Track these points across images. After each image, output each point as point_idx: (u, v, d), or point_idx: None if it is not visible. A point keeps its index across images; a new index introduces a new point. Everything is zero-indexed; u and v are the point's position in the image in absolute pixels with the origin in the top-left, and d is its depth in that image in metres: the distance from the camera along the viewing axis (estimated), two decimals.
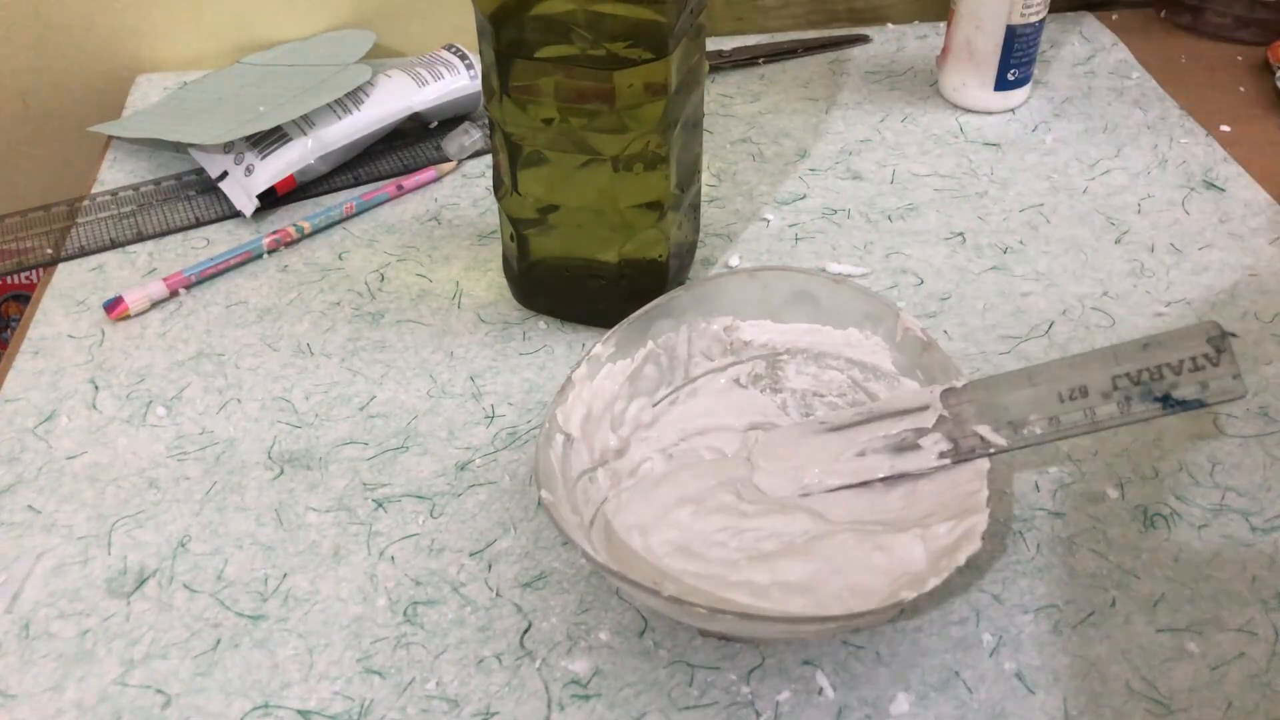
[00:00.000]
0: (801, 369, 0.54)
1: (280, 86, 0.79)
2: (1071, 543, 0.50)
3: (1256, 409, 0.57)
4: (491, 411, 0.58)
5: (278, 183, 0.72)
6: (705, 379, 0.54)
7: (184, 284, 0.66)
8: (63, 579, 0.50)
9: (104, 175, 0.78)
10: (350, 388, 0.59)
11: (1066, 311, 0.63)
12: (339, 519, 0.52)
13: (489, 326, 0.63)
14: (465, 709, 0.44)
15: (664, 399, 0.54)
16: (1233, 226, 0.70)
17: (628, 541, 0.48)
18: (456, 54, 0.80)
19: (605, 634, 0.47)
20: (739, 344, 0.54)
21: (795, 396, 0.54)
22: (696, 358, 0.54)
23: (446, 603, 0.48)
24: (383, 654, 0.46)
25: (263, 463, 0.55)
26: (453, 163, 0.77)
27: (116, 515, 0.53)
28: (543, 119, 0.55)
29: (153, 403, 0.59)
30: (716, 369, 0.55)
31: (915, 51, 0.90)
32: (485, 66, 0.55)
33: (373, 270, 0.68)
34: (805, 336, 0.54)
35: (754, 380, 0.55)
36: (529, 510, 0.52)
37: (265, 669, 0.46)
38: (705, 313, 0.54)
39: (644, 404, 0.53)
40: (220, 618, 0.48)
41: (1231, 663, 0.45)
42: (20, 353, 0.62)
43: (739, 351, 0.55)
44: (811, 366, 0.54)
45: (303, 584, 0.49)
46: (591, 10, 0.51)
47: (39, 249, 0.71)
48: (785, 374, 0.54)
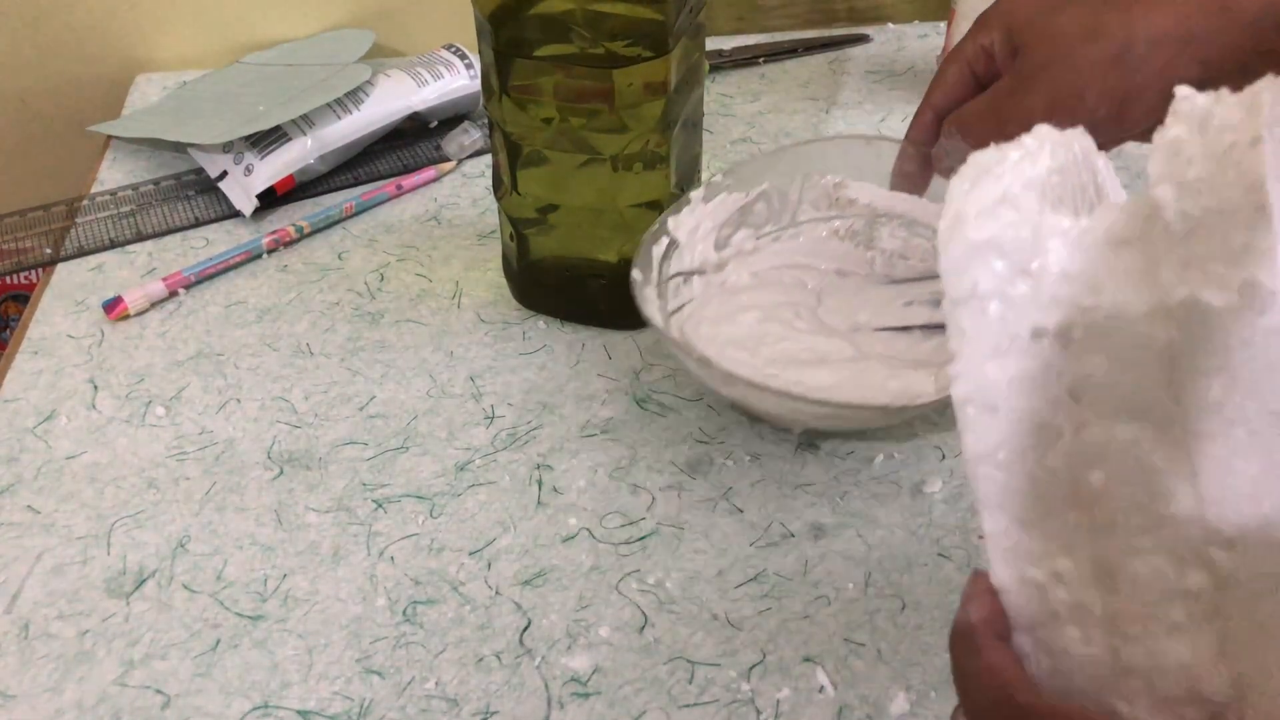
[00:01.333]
0: (895, 232, 0.60)
1: (280, 86, 0.79)
2: None
3: None
4: (491, 412, 0.58)
5: (277, 182, 0.72)
6: (808, 225, 0.61)
7: (183, 284, 0.66)
8: (62, 579, 0.50)
9: (103, 175, 0.78)
10: (350, 388, 0.59)
11: None
12: (339, 519, 0.52)
13: (489, 326, 0.63)
14: (465, 708, 0.44)
15: (768, 235, 0.61)
16: None
17: (696, 329, 0.56)
18: (456, 54, 0.80)
19: (605, 630, 0.47)
20: (845, 201, 0.60)
21: (883, 255, 0.60)
22: (804, 205, 0.60)
23: (446, 602, 0.48)
24: (382, 653, 0.46)
25: (262, 463, 0.55)
26: (452, 162, 0.77)
27: (116, 515, 0.52)
28: (542, 118, 0.54)
29: (152, 403, 0.59)
30: (820, 219, 0.61)
31: (916, 51, 0.90)
32: (485, 66, 0.55)
33: (372, 270, 0.68)
34: (904, 204, 0.59)
35: (850, 235, 0.61)
36: (528, 509, 0.52)
37: (265, 669, 0.46)
38: (819, 168, 0.60)
39: (749, 234, 0.60)
40: (220, 618, 0.48)
41: None
42: (19, 353, 0.62)
43: (843, 208, 0.60)
44: (903, 232, 0.60)
45: (302, 584, 0.49)
46: (591, 9, 0.51)
47: (38, 249, 0.71)
48: (879, 234, 0.60)
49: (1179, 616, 0.28)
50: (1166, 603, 0.28)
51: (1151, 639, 0.28)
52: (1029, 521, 0.29)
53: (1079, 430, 0.29)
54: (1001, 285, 0.29)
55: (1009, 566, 0.30)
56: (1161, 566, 0.28)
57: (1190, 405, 0.27)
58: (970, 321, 0.29)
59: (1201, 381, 0.27)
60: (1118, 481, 0.28)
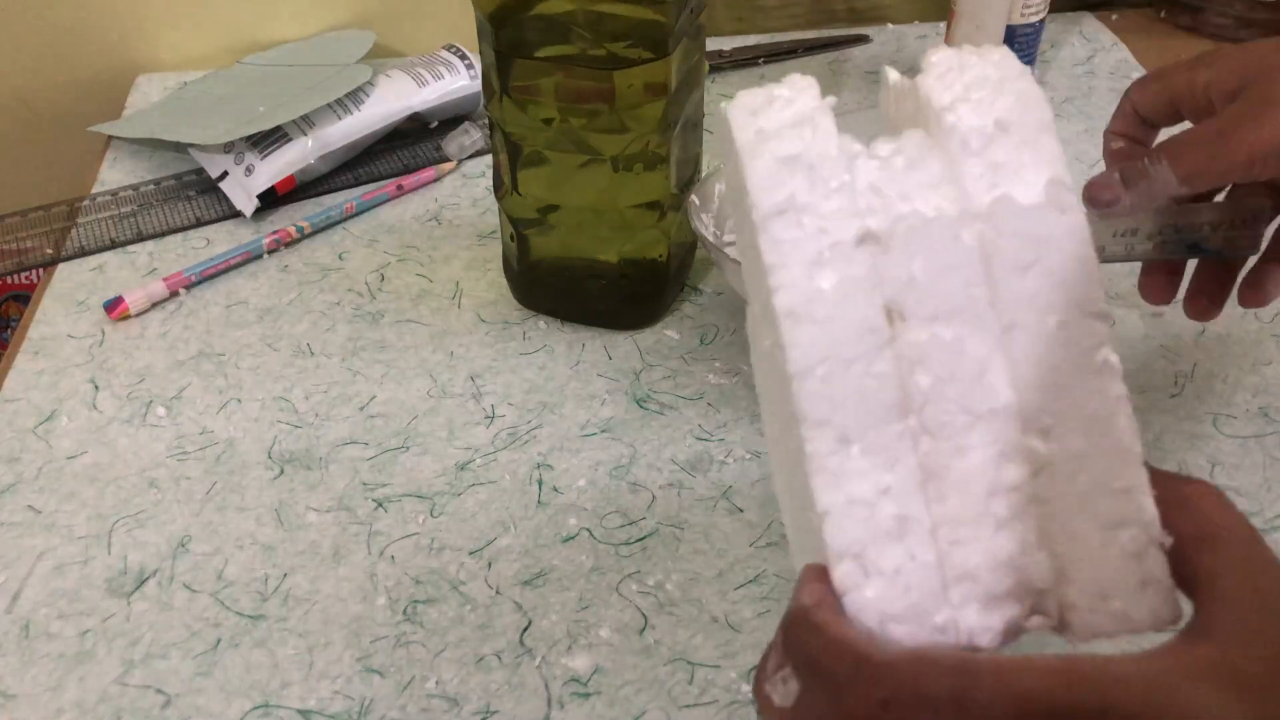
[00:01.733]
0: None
1: (280, 86, 0.79)
2: None
3: (1256, 409, 0.57)
4: (491, 411, 0.58)
5: (278, 182, 0.72)
6: None
7: (184, 284, 0.66)
8: (63, 579, 0.50)
9: (104, 175, 0.78)
10: (350, 388, 0.59)
11: None
12: (339, 519, 0.52)
13: (489, 326, 0.63)
14: (465, 707, 0.44)
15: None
16: None
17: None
18: (456, 54, 0.80)
19: (605, 631, 0.47)
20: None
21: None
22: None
23: (446, 601, 0.48)
24: (382, 653, 0.46)
25: (263, 463, 0.55)
26: (453, 163, 0.77)
27: (116, 515, 0.53)
28: (543, 119, 0.55)
29: (153, 403, 0.59)
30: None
31: (915, 51, 0.90)
32: (485, 66, 0.55)
33: (373, 270, 0.68)
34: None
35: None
36: (529, 509, 0.52)
37: (265, 669, 0.46)
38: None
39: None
40: (220, 617, 0.48)
41: None
42: (20, 353, 0.62)
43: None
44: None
45: (303, 584, 0.49)
46: (591, 10, 0.51)
47: (39, 249, 0.71)
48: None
49: (1002, 511, 0.29)
50: (990, 499, 0.29)
51: (978, 540, 0.29)
52: (854, 436, 0.29)
53: (903, 333, 0.29)
54: (815, 198, 0.29)
55: (835, 489, 0.29)
56: (984, 463, 0.29)
57: (1006, 300, 0.29)
58: (788, 232, 0.29)
59: (1015, 276, 0.29)
60: (943, 381, 0.29)
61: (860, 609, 0.29)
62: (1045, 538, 0.29)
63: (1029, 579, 0.29)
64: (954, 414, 0.29)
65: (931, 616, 0.29)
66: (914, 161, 0.31)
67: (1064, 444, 0.29)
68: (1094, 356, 0.30)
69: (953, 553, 0.29)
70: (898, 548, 0.29)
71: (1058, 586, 0.29)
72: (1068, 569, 0.29)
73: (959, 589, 0.29)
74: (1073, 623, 0.29)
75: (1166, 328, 0.62)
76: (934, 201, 0.30)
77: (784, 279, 0.29)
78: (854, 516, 0.29)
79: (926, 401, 0.29)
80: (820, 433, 0.29)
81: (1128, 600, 0.29)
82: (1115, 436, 0.29)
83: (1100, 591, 0.29)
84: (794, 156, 0.30)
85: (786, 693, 0.29)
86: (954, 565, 0.29)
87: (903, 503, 0.29)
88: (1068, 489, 0.29)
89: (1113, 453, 0.29)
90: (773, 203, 0.29)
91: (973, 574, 0.29)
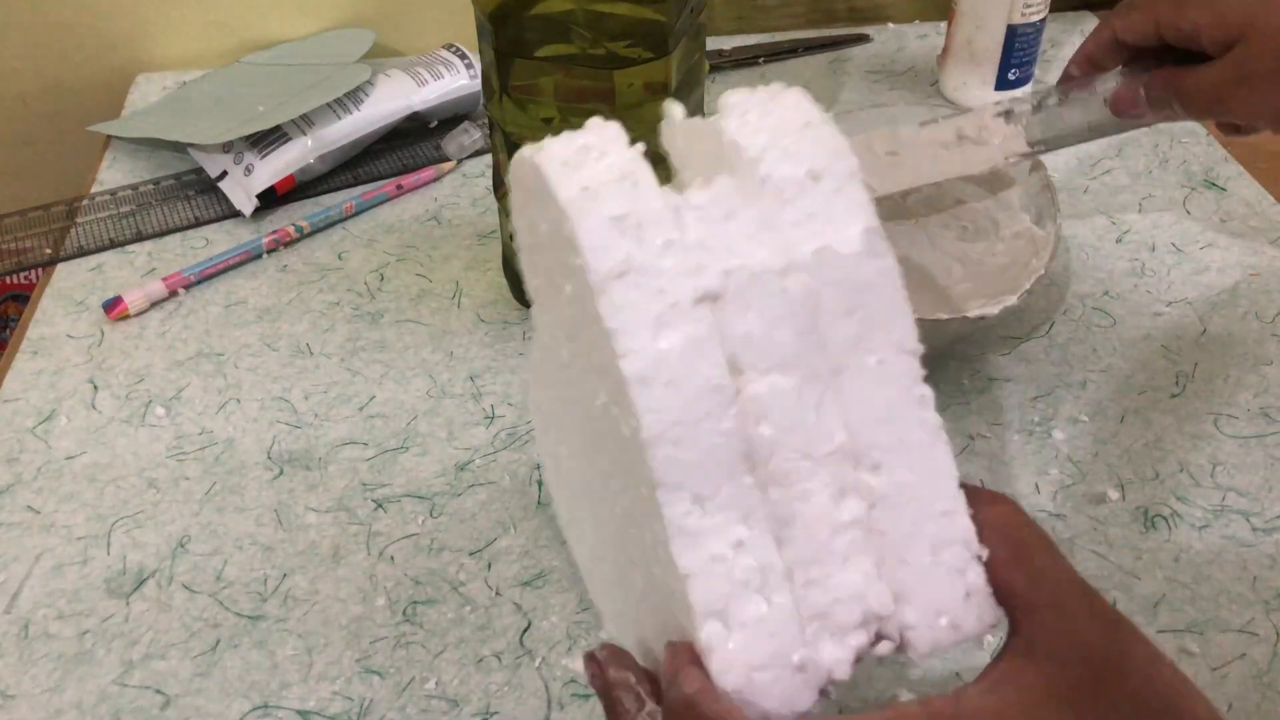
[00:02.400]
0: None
1: (280, 86, 0.79)
2: (1072, 544, 0.50)
3: (1257, 409, 0.57)
4: (491, 412, 0.58)
5: (277, 182, 0.72)
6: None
7: (183, 284, 0.66)
8: (62, 579, 0.50)
9: (103, 175, 0.77)
10: (350, 388, 0.59)
11: (1067, 311, 0.63)
12: (338, 519, 0.52)
13: (489, 326, 0.63)
14: (465, 708, 0.44)
15: None
16: (1233, 226, 0.69)
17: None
18: (456, 53, 0.80)
19: (605, 633, 0.47)
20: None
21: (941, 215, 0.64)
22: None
23: (446, 602, 0.48)
24: (382, 654, 0.46)
25: (262, 463, 0.55)
26: (452, 162, 0.77)
27: (116, 515, 0.52)
28: (542, 118, 0.54)
29: (152, 403, 0.58)
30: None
31: (916, 51, 0.90)
32: (485, 66, 0.55)
33: (372, 270, 0.68)
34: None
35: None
36: (529, 510, 0.52)
37: (264, 669, 0.46)
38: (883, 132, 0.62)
39: None
40: (219, 618, 0.48)
41: (1232, 663, 0.45)
42: (19, 353, 0.62)
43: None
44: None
45: (302, 584, 0.49)
46: (592, 9, 0.51)
47: (38, 249, 0.71)
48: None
49: (844, 547, 0.31)
50: (833, 537, 0.31)
51: (827, 577, 0.31)
52: (707, 495, 0.30)
53: (744, 387, 0.30)
54: (650, 258, 0.29)
55: (694, 549, 0.29)
56: (825, 504, 0.31)
57: (832, 345, 0.31)
58: (628, 295, 0.29)
59: (840, 322, 0.31)
60: (784, 430, 0.30)
61: (727, 664, 0.29)
62: (883, 566, 0.31)
63: (872, 608, 0.31)
64: (796, 460, 0.30)
65: (790, 657, 0.30)
66: (729, 212, 0.31)
67: (893, 476, 0.31)
68: (912, 390, 0.31)
69: (807, 594, 0.30)
70: (757, 598, 0.30)
71: (897, 610, 0.31)
72: (904, 592, 0.31)
73: (812, 627, 0.30)
74: (913, 641, 0.31)
75: (1167, 327, 0.62)
76: (759, 255, 0.30)
77: (629, 344, 0.29)
78: (714, 574, 0.30)
79: (772, 453, 0.30)
80: (675, 496, 0.29)
81: (956, 613, 0.31)
82: (935, 463, 0.31)
83: (933, 609, 0.31)
84: (623, 215, 0.30)
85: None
86: (808, 605, 0.30)
87: (758, 553, 0.30)
88: (899, 517, 0.31)
89: (933, 478, 0.31)
90: (610, 265, 0.29)
91: (824, 611, 0.30)
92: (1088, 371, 0.59)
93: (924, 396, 0.31)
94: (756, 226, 0.31)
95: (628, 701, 0.31)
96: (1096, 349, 0.60)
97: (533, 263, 0.36)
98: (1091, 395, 0.58)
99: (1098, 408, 0.57)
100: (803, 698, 0.30)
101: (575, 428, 0.37)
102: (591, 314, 0.30)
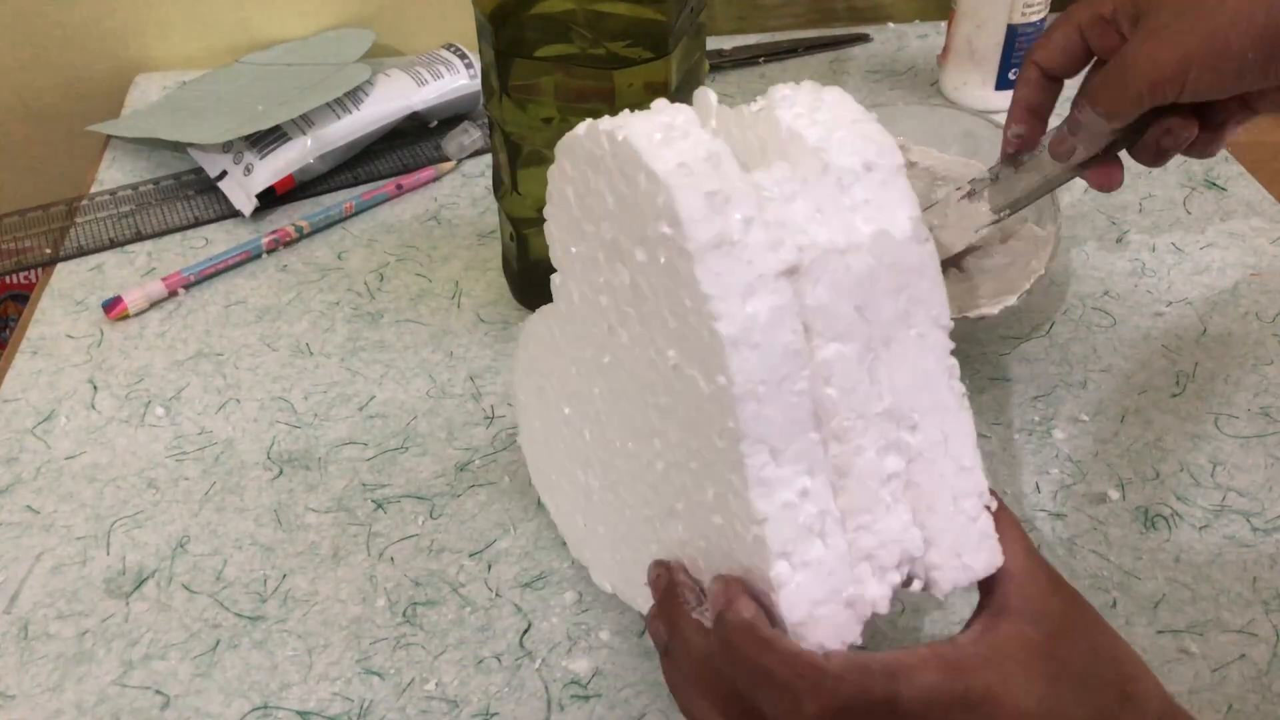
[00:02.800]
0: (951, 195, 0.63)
1: (280, 86, 0.79)
2: (1072, 544, 0.50)
3: (1258, 409, 0.57)
4: (491, 412, 0.57)
5: (277, 182, 0.72)
6: None
7: (183, 284, 0.66)
8: (62, 579, 0.50)
9: (103, 175, 0.77)
10: (350, 388, 0.59)
11: (1067, 311, 0.63)
12: (338, 519, 0.52)
13: (489, 326, 0.63)
14: (465, 709, 0.44)
15: None
16: (1233, 226, 0.69)
17: None
18: (456, 53, 0.80)
19: (605, 634, 0.47)
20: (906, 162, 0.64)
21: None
22: None
23: (446, 603, 0.48)
24: (382, 654, 0.46)
25: (262, 463, 0.55)
26: (452, 162, 0.77)
27: (115, 515, 0.52)
28: (542, 118, 0.54)
29: (151, 403, 0.58)
30: None
31: (916, 50, 0.90)
32: (485, 66, 0.55)
33: (372, 270, 0.68)
34: (961, 168, 0.62)
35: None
36: (529, 510, 0.52)
37: (264, 670, 0.46)
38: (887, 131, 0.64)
39: None
40: (219, 618, 0.48)
41: (1232, 664, 0.45)
42: (19, 353, 0.62)
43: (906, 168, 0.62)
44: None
45: (302, 584, 0.49)
46: (592, 9, 0.51)
47: (38, 248, 0.71)
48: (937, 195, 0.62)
49: (888, 497, 0.35)
50: (880, 488, 0.35)
51: (873, 523, 0.35)
52: (781, 449, 0.33)
53: (815, 353, 0.33)
54: (741, 231, 0.32)
55: (768, 498, 0.33)
56: (874, 459, 0.35)
57: (882, 319, 0.34)
58: (723, 264, 0.32)
59: (890, 298, 0.34)
60: (844, 392, 0.34)
61: (793, 600, 0.33)
62: (916, 514, 0.36)
63: (908, 550, 0.35)
64: (853, 420, 0.34)
65: (842, 594, 0.34)
66: (792, 194, 0.34)
67: (928, 435, 0.35)
68: (945, 361, 0.36)
69: (857, 538, 0.35)
70: (818, 541, 0.34)
71: (925, 553, 0.35)
72: (931, 537, 0.36)
73: (861, 568, 0.35)
74: (938, 580, 0.36)
75: (1167, 327, 0.62)
76: (824, 234, 0.34)
77: (723, 308, 0.32)
78: (785, 519, 0.33)
79: (835, 412, 0.34)
80: (756, 449, 0.33)
81: (971, 555, 0.36)
82: (960, 425, 0.36)
83: (954, 552, 0.35)
84: (715, 191, 0.32)
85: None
86: (858, 548, 0.35)
87: (820, 501, 0.34)
88: (931, 471, 0.35)
89: (958, 438, 0.36)
90: (709, 236, 0.32)
91: (870, 553, 0.35)
92: (1088, 371, 0.59)
93: (953, 367, 0.36)
94: (815, 208, 0.34)
95: (689, 596, 0.36)
96: (1097, 349, 0.60)
97: (574, 231, 0.39)
98: (1092, 395, 0.58)
99: (1098, 407, 0.57)
100: (851, 630, 0.34)
101: (595, 389, 0.40)
102: (679, 280, 0.33)
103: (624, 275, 0.36)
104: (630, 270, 0.35)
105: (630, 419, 0.39)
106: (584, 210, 0.38)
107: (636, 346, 0.36)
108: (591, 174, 0.36)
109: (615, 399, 0.39)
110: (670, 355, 0.34)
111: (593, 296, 0.39)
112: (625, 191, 0.35)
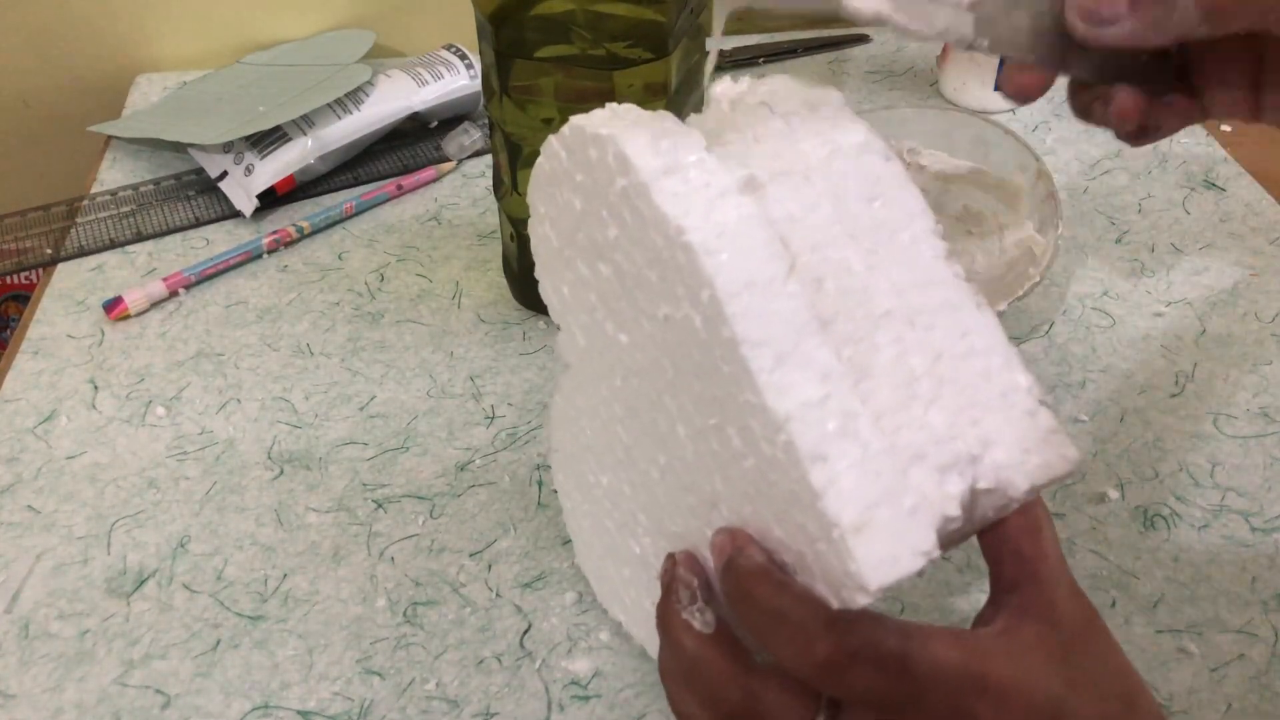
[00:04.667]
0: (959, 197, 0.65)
1: (280, 86, 0.79)
2: (1071, 544, 0.50)
3: (1257, 409, 0.57)
4: (491, 412, 0.58)
5: (277, 182, 0.72)
6: None
7: (183, 284, 0.66)
8: (62, 579, 0.50)
9: (103, 175, 0.77)
10: (350, 388, 0.59)
11: (1067, 311, 0.63)
12: (339, 519, 0.52)
13: (489, 326, 0.63)
14: (465, 709, 0.44)
15: None
16: (1233, 226, 0.70)
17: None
18: (456, 54, 0.80)
19: (605, 634, 0.47)
20: (916, 166, 0.64)
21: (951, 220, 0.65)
22: None
23: (446, 603, 0.48)
24: (382, 654, 0.46)
25: (262, 463, 0.55)
26: (452, 162, 0.77)
27: (116, 515, 0.52)
28: (543, 119, 0.54)
29: (152, 403, 0.59)
30: None
31: (915, 51, 0.90)
32: (485, 66, 0.55)
33: (372, 270, 0.68)
34: (971, 170, 0.64)
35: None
36: (529, 510, 0.52)
37: (265, 669, 0.46)
38: (895, 134, 0.65)
39: None
40: (220, 618, 0.48)
41: (1231, 664, 0.45)
42: (20, 353, 0.62)
43: (915, 173, 0.63)
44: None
45: (302, 584, 0.49)
46: (591, 10, 0.51)
47: (38, 249, 0.71)
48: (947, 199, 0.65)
49: (924, 392, 0.32)
50: (911, 384, 0.32)
51: (914, 420, 0.32)
52: (787, 351, 0.31)
53: (796, 261, 0.32)
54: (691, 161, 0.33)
55: (784, 396, 0.31)
56: (895, 357, 0.33)
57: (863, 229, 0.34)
58: (679, 186, 0.32)
59: (864, 207, 0.34)
60: (842, 293, 0.33)
61: (842, 504, 0.30)
62: (962, 412, 0.33)
63: (964, 449, 0.32)
64: (859, 320, 0.32)
65: (901, 501, 0.30)
66: (751, 144, 0.35)
67: (948, 333, 0.33)
68: (945, 261, 0.34)
69: (899, 438, 0.32)
70: (853, 443, 0.31)
71: (987, 453, 0.32)
72: (987, 436, 0.32)
73: (914, 470, 0.31)
74: (1012, 480, 0.32)
75: (1167, 327, 0.62)
76: (779, 165, 0.34)
77: (689, 222, 0.31)
78: (809, 419, 0.30)
79: (837, 312, 0.32)
80: (760, 351, 0.31)
81: (1042, 452, 0.33)
82: (984, 321, 0.34)
83: (1020, 448, 0.32)
84: (661, 131, 0.33)
85: (706, 622, 0.34)
86: (903, 449, 0.31)
87: (844, 402, 0.31)
88: (964, 368, 0.33)
89: (985, 332, 0.34)
90: (659, 164, 0.32)
91: (921, 452, 0.31)
92: (1087, 371, 0.59)
93: (959, 272, 0.34)
94: (773, 151, 0.34)
95: (682, 595, 0.35)
96: (1096, 349, 0.60)
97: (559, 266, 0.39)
98: (1091, 395, 0.58)
99: (1098, 408, 0.57)
100: (925, 537, 0.30)
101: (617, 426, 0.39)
102: (646, 222, 0.32)
103: (605, 268, 0.36)
104: (609, 257, 0.35)
105: (653, 427, 0.37)
106: (560, 233, 0.38)
107: (636, 335, 0.35)
108: (557, 192, 0.37)
109: (635, 418, 0.38)
110: (662, 311, 0.33)
111: (589, 319, 0.38)
112: (582, 179, 0.35)
